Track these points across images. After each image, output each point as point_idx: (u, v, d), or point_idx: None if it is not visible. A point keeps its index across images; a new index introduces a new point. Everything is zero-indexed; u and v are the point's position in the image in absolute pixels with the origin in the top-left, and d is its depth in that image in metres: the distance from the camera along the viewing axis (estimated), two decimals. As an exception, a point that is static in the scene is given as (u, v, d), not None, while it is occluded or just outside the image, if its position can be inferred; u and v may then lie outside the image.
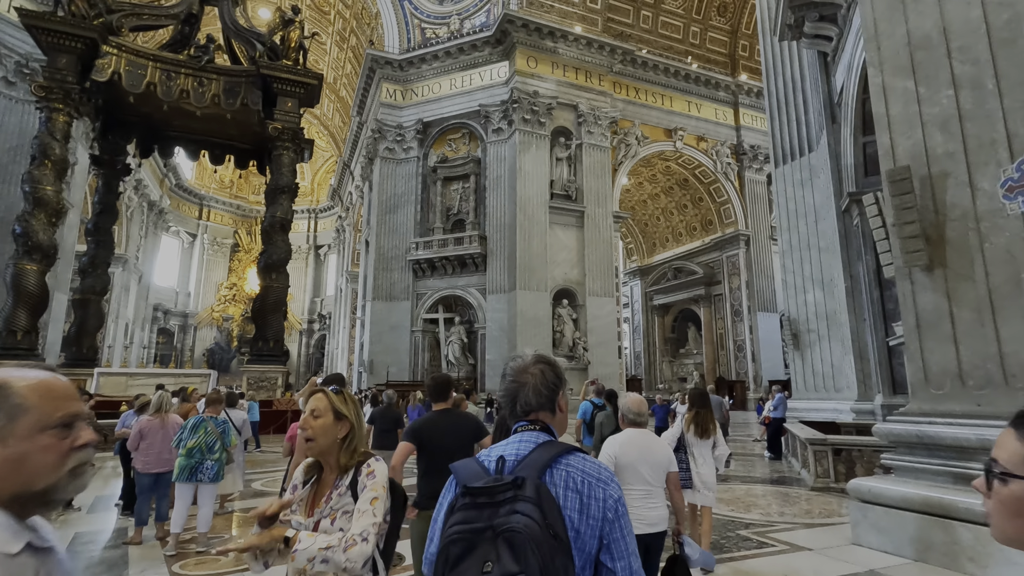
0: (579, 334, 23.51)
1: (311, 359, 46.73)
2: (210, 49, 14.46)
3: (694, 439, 4.17)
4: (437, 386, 3.60)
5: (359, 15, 30.67)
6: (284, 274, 14.23)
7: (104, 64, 12.89)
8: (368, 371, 24.72)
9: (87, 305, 15.39)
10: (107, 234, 16.09)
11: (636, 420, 3.04)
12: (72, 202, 17.72)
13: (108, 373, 13.09)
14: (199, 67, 13.96)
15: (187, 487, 4.51)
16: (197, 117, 15.24)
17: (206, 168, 46.13)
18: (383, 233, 25.79)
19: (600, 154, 25.56)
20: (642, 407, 3.09)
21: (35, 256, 11.89)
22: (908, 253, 3.34)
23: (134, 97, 13.48)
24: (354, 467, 1.61)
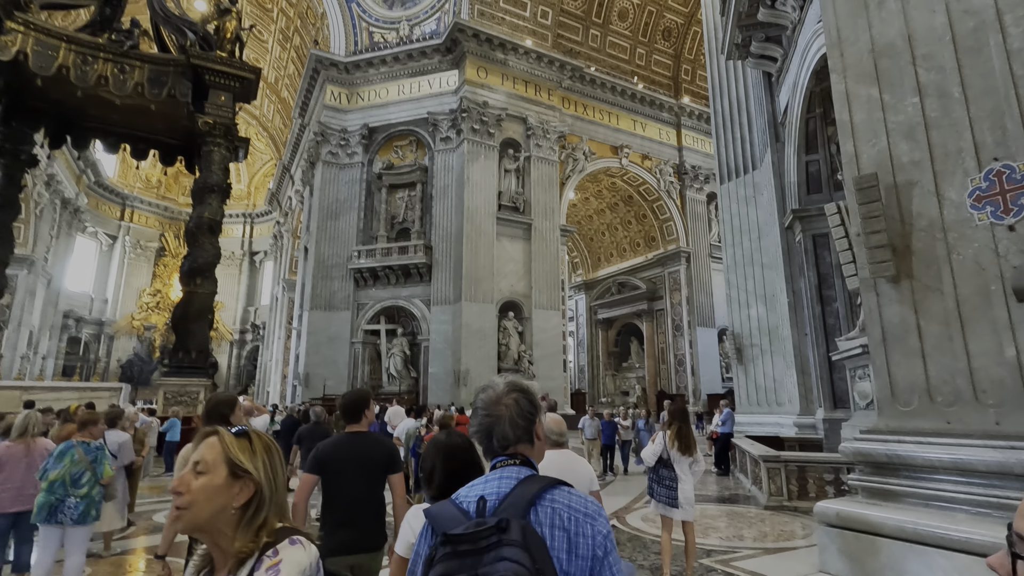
0: (524, 347, 23.27)
1: (242, 371, 44.19)
2: (135, 34, 13.33)
3: (677, 455, 4.02)
4: (349, 404, 3.10)
5: (304, 14, 29.66)
6: (211, 279, 13.18)
7: (7, 41, 11.60)
8: (303, 385, 23.47)
9: (-23, 310, 13.66)
10: (7, 231, 14.43)
11: (558, 441, 2.91)
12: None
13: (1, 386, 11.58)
14: (121, 52, 12.82)
15: (51, 530, 3.64)
16: (117, 107, 13.99)
17: (130, 165, 43.08)
18: (323, 240, 24.73)
19: (548, 167, 25.65)
20: (562, 427, 2.98)
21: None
22: (875, 263, 3.22)
23: (42, 80, 12.20)
24: (256, 554, 1.04)
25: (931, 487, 2.91)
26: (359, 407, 3.07)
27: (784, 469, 5.91)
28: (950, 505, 2.80)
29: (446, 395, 21.64)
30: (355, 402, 3.09)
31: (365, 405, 3.11)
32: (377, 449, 3.02)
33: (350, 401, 3.10)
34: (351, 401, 3.10)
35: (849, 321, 7.86)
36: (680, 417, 4.19)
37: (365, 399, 3.13)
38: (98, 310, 40.05)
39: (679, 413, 4.24)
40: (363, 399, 3.12)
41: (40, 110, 14.28)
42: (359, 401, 3.10)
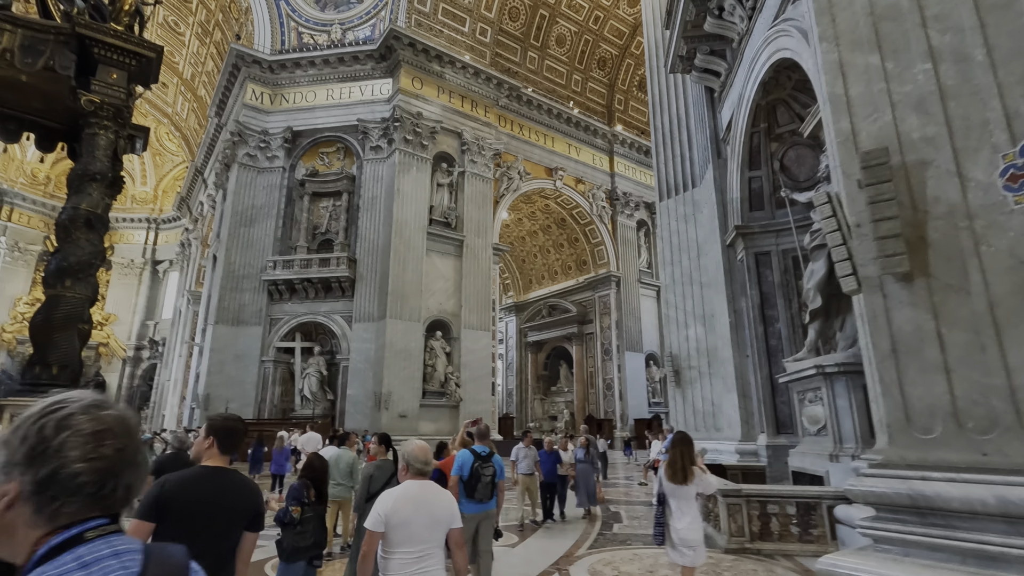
0: (452, 368, 22.16)
1: (135, 392, 39.73)
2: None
3: (671, 486, 3.65)
4: (228, 429, 2.44)
5: (226, 7, 27.75)
6: (85, 282, 11.20)
7: None
8: (203, 407, 21.02)
9: None
10: None
11: (421, 470, 2.72)
12: None
13: None
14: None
15: None
16: (-19, 78, 11.89)
17: (13, 158, 38.47)
18: (235, 248, 22.61)
19: (482, 184, 25.05)
20: (428, 455, 2.79)
21: None
22: (885, 257, 2.65)
23: None
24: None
25: (971, 537, 2.29)
26: (237, 436, 2.48)
27: (746, 505, 5.30)
28: (997, 563, 2.18)
29: (365, 420, 20.08)
30: (235, 429, 2.48)
31: (242, 436, 2.54)
32: (243, 493, 2.35)
33: (230, 426, 2.48)
34: (231, 427, 2.48)
35: (792, 343, 7.59)
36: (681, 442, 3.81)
37: (241, 430, 2.54)
38: (-41, 320, 34.80)
39: (680, 439, 3.87)
40: (239, 430, 2.52)
41: None
42: (236, 430, 2.49)
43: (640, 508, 8.91)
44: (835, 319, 6.41)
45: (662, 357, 30.49)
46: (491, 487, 4.16)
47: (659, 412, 29.36)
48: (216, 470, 2.35)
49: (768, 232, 8.02)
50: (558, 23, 29.74)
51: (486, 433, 4.50)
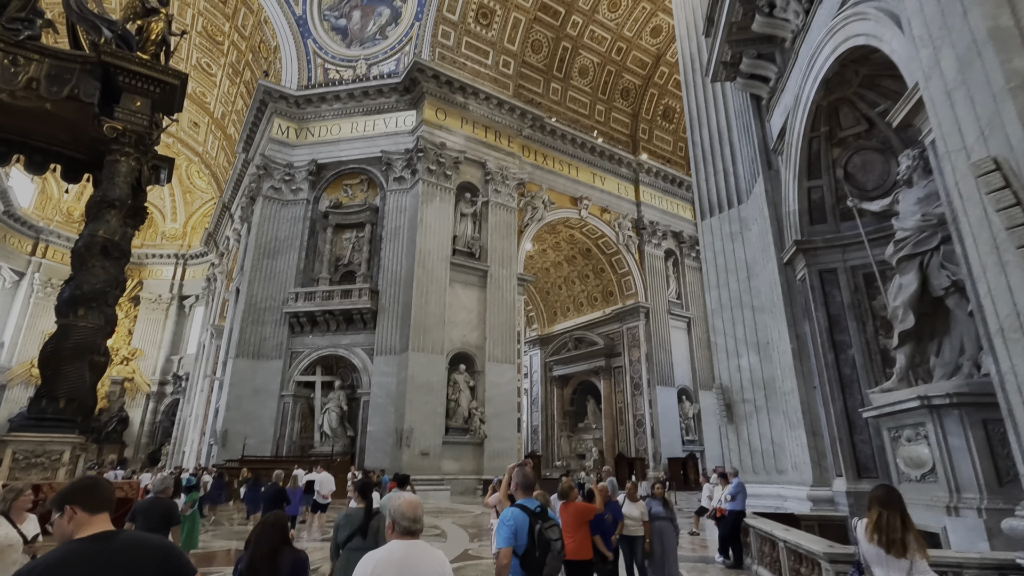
0: (476, 403, 21.23)
1: (157, 428, 39.49)
2: (36, 24, 11.50)
3: (881, 556, 2.73)
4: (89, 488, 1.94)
5: (256, 48, 28.46)
6: (98, 312, 10.84)
7: None
8: (220, 443, 20.40)
9: None
10: None
11: (409, 528, 2.40)
12: None
13: None
14: (15, 42, 10.89)
15: None
16: (9, 110, 11.89)
17: (50, 197, 39.66)
18: (258, 280, 22.39)
19: (506, 214, 24.62)
20: (417, 510, 2.46)
21: None
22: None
23: (-95, 64, 10.10)
24: None
25: None
26: (104, 493, 1.96)
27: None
28: None
29: (385, 458, 19.19)
30: (103, 486, 2.00)
31: (108, 493, 1.99)
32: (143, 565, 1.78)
33: (95, 483, 1.99)
34: (96, 484, 1.99)
35: (869, 371, 6.61)
36: (887, 499, 2.83)
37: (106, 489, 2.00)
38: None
39: (885, 494, 2.89)
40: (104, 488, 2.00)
41: (-91, 106, 12.00)
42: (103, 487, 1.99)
43: (693, 563, 7.78)
44: (928, 342, 5.47)
45: (695, 391, 29.12)
46: (562, 558, 3.23)
47: (693, 451, 27.81)
48: (102, 539, 1.80)
49: (833, 247, 7.15)
50: (581, 55, 29.76)
51: (533, 483, 3.43)
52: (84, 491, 1.92)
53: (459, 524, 11.76)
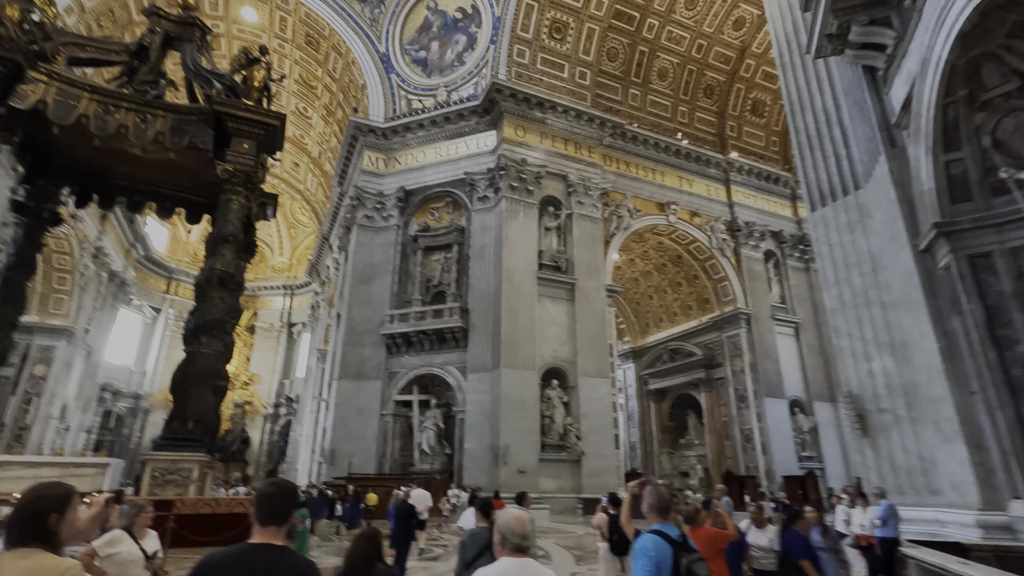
0: (571, 420, 20.75)
1: (274, 447, 42.49)
2: (160, 84, 12.90)
3: None
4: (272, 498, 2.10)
5: (346, 88, 30.39)
6: (218, 339, 11.75)
7: (28, 91, 11.13)
8: (328, 462, 21.44)
9: (-23, 376, 12.59)
10: (19, 291, 13.58)
11: (519, 545, 2.28)
12: None
13: (-30, 462, 10.13)
14: (143, 102, 12.25)
15: None
16: (142, 163, 13.40)
17: (180, 241, 44.47)
18: (356, 304, 23.54)
19: (591, 225, 24.18)
20: (526, 527, 2.32)
21: None
22: None
23: (62, 131, 11.63)
24: None
25: None
26: (285, 505, 2.09)
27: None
28: None
29: (483, 475, 19.17)
30: (282, 496, 2.11)
31: (290, 503, 2.13)
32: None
33: (276, 493, 2.12)
34: (278, 494, 2.12)
35: (1048, 371, 5.52)
36: None
37: (290, 495, 2.16)
38: (136, 383, 39.81)
39: None
40: (288, 495, 2.15)
41: (65, 168, 13.83)
42: (284, 496, 2.12)
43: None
44: None
45: (809, 403, 26.65)
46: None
47: (812, 468, 25.39)
48: (263, 549, 1.97)
49: (985, 227, 6.12)
50: (659, 57, 28.94)
51: (670, 504, 2.86)
52: (261, 498, 2.13)
53: (562, 545, 11.35)
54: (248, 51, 13.44)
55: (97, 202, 15.39)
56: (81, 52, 12.86)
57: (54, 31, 12.18)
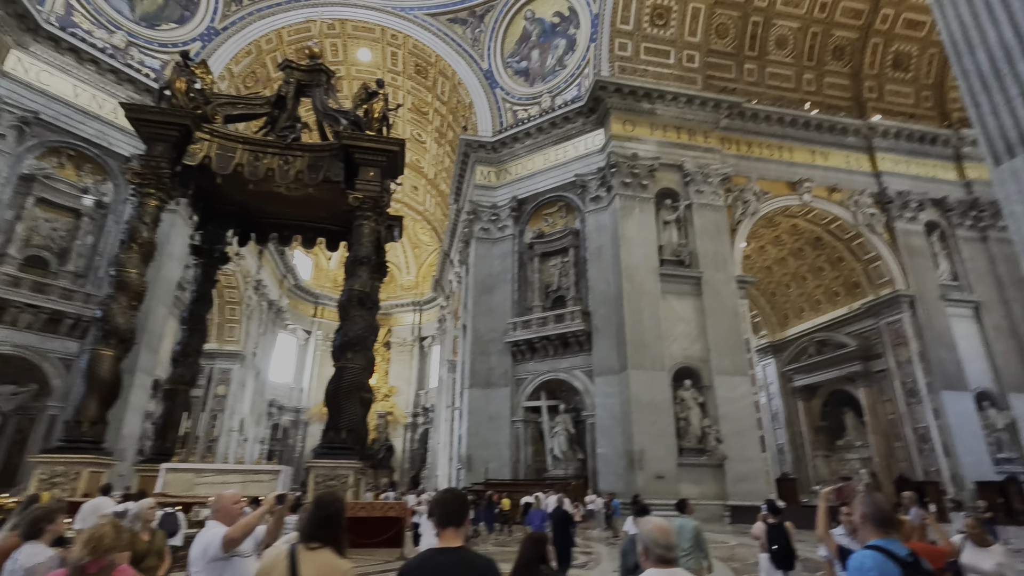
0: (708, 421, 19.53)
1: (415, 454, 45.17)
2: (297, 128, 14.35)
3: None
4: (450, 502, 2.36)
5: (455, 109, 31.74)
6: (362, 354, 12.66)
7: (196, 149, 12.95)
8: (466, 468, 22.24)
9: (175, 396, 14.84)
10: (201, 322, 15.82)
11: (664, 556, 2.23)
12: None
13: (175, 469, 11.88)
14: (284, 146, 13.71)
15: None
16: (287, 201, 14.97)
17: (322, 269, 49.24)
18: (479, 315, 24.30)
19: (714, 214, 22.73)
20: (670, 537, 2.28)
21: (111, 341, 11.35)
22: None
23: (223, 179, 13.35)
24: None
25: None
26: (459, 508, 2.35)
27: None
28: None
29: (619, 481, 18.68)
30: (456, 501, 2.38)
31: (465, 507, 2.39)
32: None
33: (450, 499, 2.40)
34: (452, 499, 2.40)
35: None
36: None
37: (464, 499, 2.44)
38: (296, 398, 44.57)
39: None
40: (463, 499, 2.43)
41: (228, 213, 15.88)
42: (460, 500, 2.39)
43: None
44: None
45: (1002, 395, 22.53)
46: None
47: (1013, 472, 21.43)
48: (451, 552, 2.19)
49: None
50: (775, 25, 26.63)
51: (892, 516, 2.31)
52: (437, 505, 2.35)
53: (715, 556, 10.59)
54: (367, 86, 14.47)
55: (254, 239, 17.44)
56: (233, 110, 14.71)
57: (212, 95, 14.05)
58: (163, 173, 12.69)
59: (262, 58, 28.07)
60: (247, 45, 26.54)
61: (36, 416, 18.58)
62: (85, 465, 10.41)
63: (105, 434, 11.37)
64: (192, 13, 25.22)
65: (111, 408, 11.54)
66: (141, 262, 12.28)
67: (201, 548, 3.17)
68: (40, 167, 19.96)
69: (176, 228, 22.26)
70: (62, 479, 10.14)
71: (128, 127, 15.36)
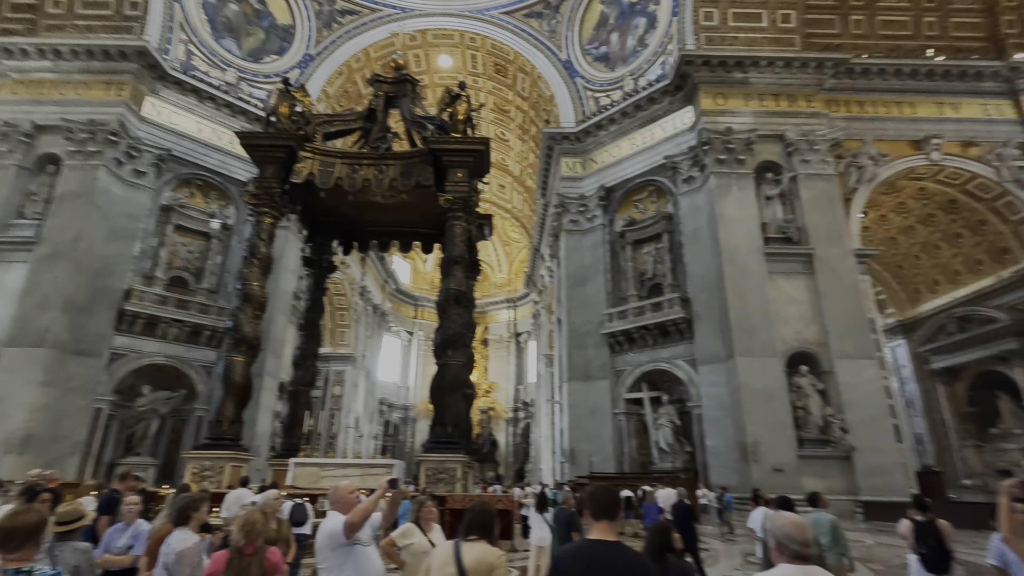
0: (831, 410, 17.96)
1: (518, 448, 45.86)
2: (388, 138, 15.02)
3: None
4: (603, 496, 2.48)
5: (536, 104, 31.69)
6: (461, 351, 13.00)
7: (301, 168, 13.95)
8: (569, 461, 22.19)
9: (298, 396, 16.14)
10: (316, 327, 17.07)
11: (800, 552, 2.11)
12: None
13: (303, 463, 12.91)
14: (378, 156, 14.42)
15: None
16: (384, 208, 15.72)
17: (420, 273, 51.36)
18: (573, 308, 24.11)
19: (823, 183, 20.84)
20: (806, 532, 2.16)
21: (242, 348, 12.57)
22: None
23: (326, 193, 14.27)
24: None
25: None
26: (612, 501, 2.47)
27: None
28: None
29: (732, 474, 17.73)
30: (607, 494, 2.50)
31: (617, 500, 2.50)
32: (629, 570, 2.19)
33: (603, 493, 2.51)
34: (604, 492, 2.51)
35: None
36: None
37: (615, 493, 2.57)
38: (403, 397, 46.90)
39: None
40: (614, 492, 2.56)
41: (332, 225, 16.99)
42: (612, 494, 2.51)
43: None
44: None
45: None
46: None
47: None
48: (605, 545, 2.29)
49: None
50: (885, -34, 23.83)
51: None
52: (591, 499, 2.45)
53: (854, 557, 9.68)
54: (450, 90, 14.80)
55: (356, 248, 18.48)
56: (330, 127, 15.68)
57: (311, 116, 15.06)
58: (274, 192, 13.80)
59: (353, 77, 29.73)
60: (339, 67, 28.23)
61: (187, 418, 21.05)
62: (227, 460, 11.60)
63: (242, 432, 12.62)
64: (289, 44, 27.27)
65: (245, 408, 12.77)
66: (261, 275, 13.45)
67: (325, 536, 3.37)
68: (175, 198, 22.54)
69: (289, 243, 24.21)
70: (209, 472, 11.38)
71: (243, 154, 16.88)
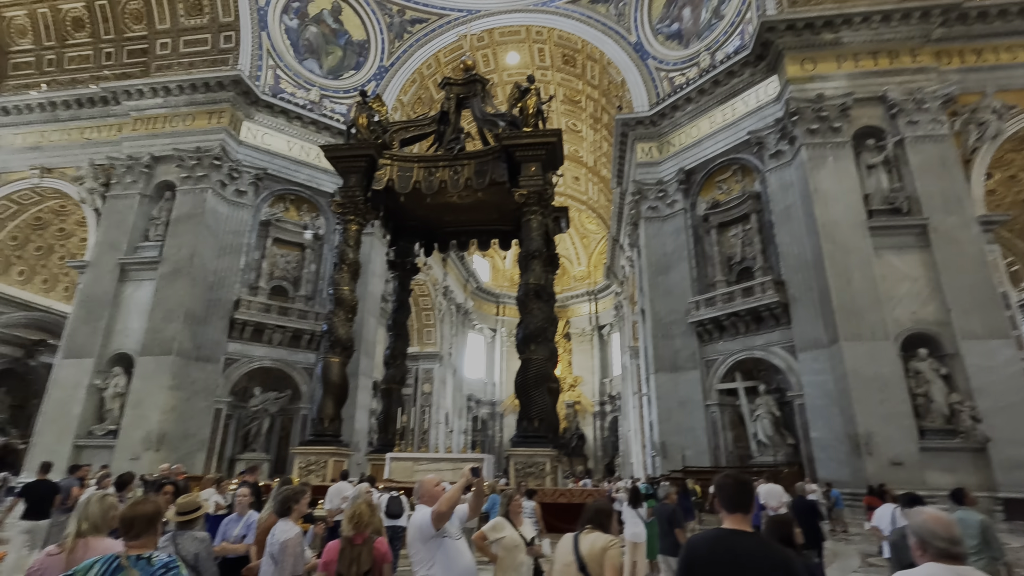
0: (958, 396, 16.11)
1: (606, 442, 45.29)
2: (461, 138, 15.27)
3: None
4: (734, 486, 2.39)
5: (606, 91, 31.01)
6: (544, 345, 12.98)
7: (381, 175, 14.51)
8: (661, 455, 21.55)
9: (391, 394, 16.85)
10: (403, 328, 17.72)
11: (947, 551, 2.00)
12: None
13: (398, 458, 13.47)
14: (452, 157, 14.69)
15: None
16: (461, 208, 16.03)
17: (499, 270, 52.02)
18: (657, 297, 23.35)
19: (935, 146, 18.71)
20: (953, 531, 2.04)
21: (337, 349, 13.31)
22: None
23: (405, 198, 14.75)
24: None
25: None
26: (744, 493, 2.38)
27: None
28: None
29: (842, 468, 16.43)
30: (738, 486, 2.40)
31: (749, 492, 2.40)
32: (772, 564, 2.09)
33: (732, 484, 2.41)
34: (734, 483, 2.41)
35: None
36: None
37: (747, 484, 2.46)
38: (490, 392, 47.77)
39: None
40: (745, 483, 2.44)
41: (413, 228, 17.57)
42: (743, 485, 2.41)
43: None
44: None
45: None
46: None
47: None
48: (740, 535, 2.23)
49: None
50: None
51: None
52: (720, 490, 2.40)
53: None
54: (519, 85, 14.79)
55: (437, 249, 18.98)
56: (406, 133, 16.19)
57: (388, 124, 15.63)
58: (358, 200, 14.46)
59: (425, 83, 30.57)
60: (412, 74, 29.14)
61: (293, 416, 22.68)
62: (329, 455, 12.33)
63: (341, 429, 13.37)
64: (365, 58, 28.50)
65: (343, 407, 13.52)
66: (351, 280, 14.16)
67: (415, 529, 3.44)
68: (272, 213, 24.30)
69: (375, 249, 25.35)
70: (315, 467, 12.15)
71: (329, 167, 17.85)
